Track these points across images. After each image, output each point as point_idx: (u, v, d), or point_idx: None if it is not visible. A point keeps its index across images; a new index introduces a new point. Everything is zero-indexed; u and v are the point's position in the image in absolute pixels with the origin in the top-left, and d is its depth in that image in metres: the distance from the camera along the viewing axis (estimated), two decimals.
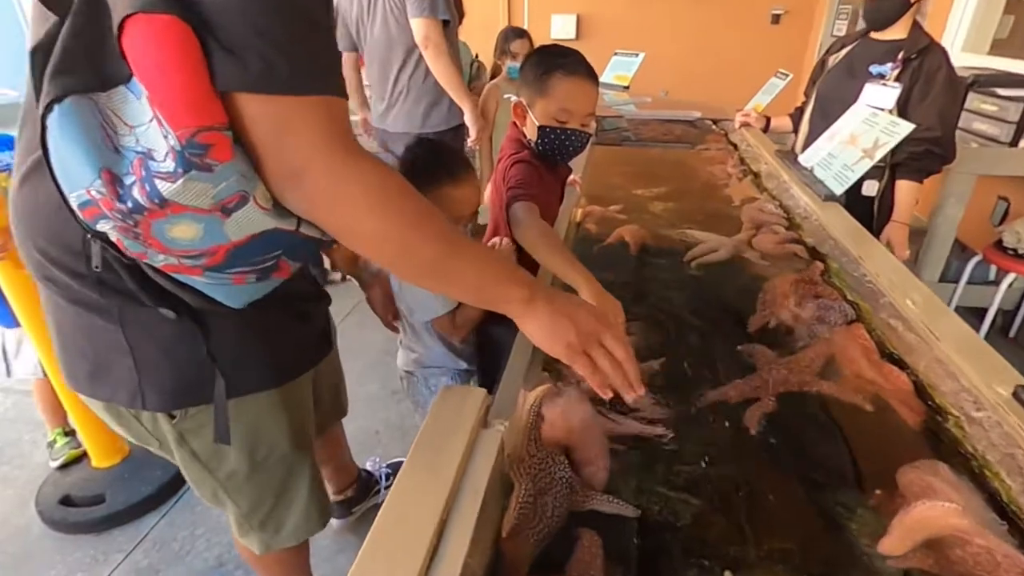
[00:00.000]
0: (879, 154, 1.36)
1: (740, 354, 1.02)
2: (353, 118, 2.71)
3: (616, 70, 3.25)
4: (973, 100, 2.43)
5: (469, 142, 2.43)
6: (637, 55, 3.16)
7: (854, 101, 1.77)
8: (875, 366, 0.93)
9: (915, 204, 1.87)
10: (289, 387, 0.89)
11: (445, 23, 2.15)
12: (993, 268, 2.45)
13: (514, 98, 1.31)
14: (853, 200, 1.63)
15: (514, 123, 1.36)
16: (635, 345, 1.00)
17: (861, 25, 1.96)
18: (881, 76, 1.77)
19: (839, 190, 1.41)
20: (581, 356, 0.69)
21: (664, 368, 1.00)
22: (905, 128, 1.34)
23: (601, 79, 3.38)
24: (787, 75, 2.36)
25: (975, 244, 2.74)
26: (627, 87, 3.14)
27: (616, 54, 3.31)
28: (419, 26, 2.10)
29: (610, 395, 0.70)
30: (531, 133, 1.30)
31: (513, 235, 1.18)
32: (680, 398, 0.93)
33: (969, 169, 2.35)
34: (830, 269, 1.21)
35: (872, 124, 1.46)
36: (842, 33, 4.37)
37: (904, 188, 1.81)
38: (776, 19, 4.71)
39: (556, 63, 1.23)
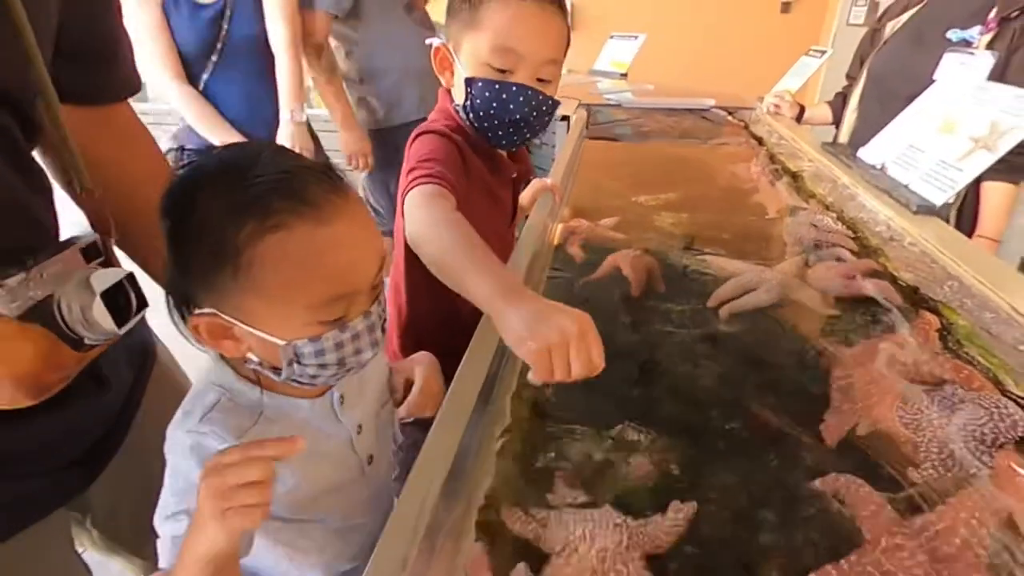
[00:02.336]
0: (1006, 144, 0.90)
1: (817, 497, 0.57)
2: None
3: (613, 55, 2.80)
4: None
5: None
6: (637, 37, 2.71)
7: (927, 79, 1.31)
8: None
9: (1007, 214, 1.42)
10: None
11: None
12: None
13: (436, 41, 0.86)
14: None
15: (445, 88, 0.91)
16: (644, 481, 0.60)
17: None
18: (966, 43, 1.31)
19: (940, 198, 0.95)
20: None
21: (692, 526, 0.54)
22: None
23: (595, 67, 2.95)
24: (823, 52, 1.90)
25: None
26: (625, 74, 2.69)
27: (612, 37, 2.86)
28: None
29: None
30: (459, 95, 0.85)
31: (406, 234, 0.73)
32: None
33: None
34: (956, 328, 0.75)
35: (980, 101, 1.00)
36: (860, 22, 3.95)
37: (995, 193, 1.36)
38: (786, 7, 4.34)
39: None
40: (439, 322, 0.89)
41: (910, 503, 0.55)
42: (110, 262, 0.53)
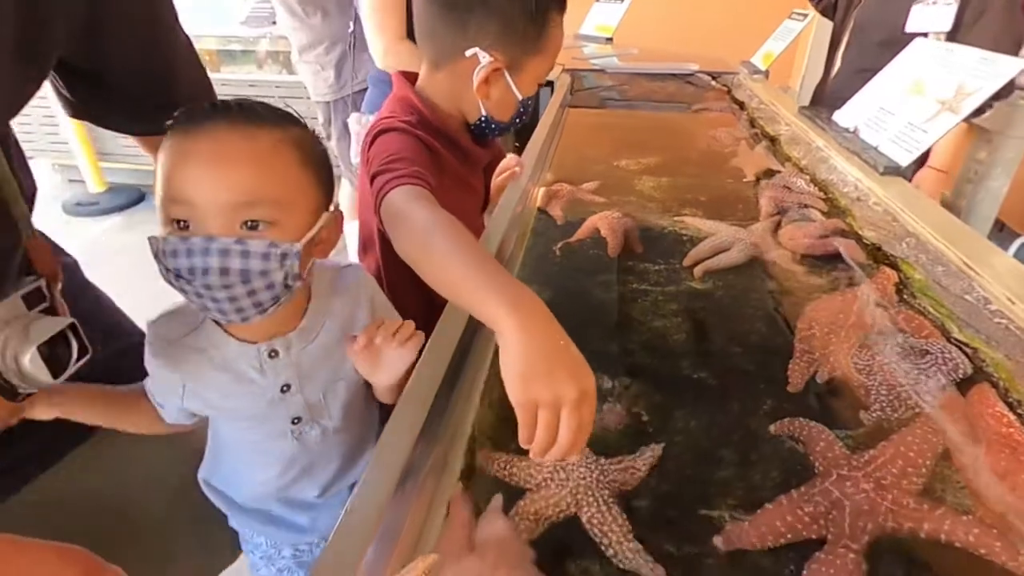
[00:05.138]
0: (968, 105, 0.93)
1: (776, 438, 0.61)
2: None
3: (598, 19, 2.77)
4: None
5: None
6: (623, 0, 2.68)
7: (899, 27, 1.36)
8: None
9: (957, 147, 1.47)
10: None
11: None
12: None
13: (484, 57, 0.79)
14: None
15: (401, 76, 0.88)
16: (616, 426, 0.64)
17: None
18: None
19: (905, 159, 0.98)
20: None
21: (658, 465, 0.58)
22: (1009, 67, 0.91)
23: (580, 31, 2.92)
24: (805, 15, 1.91)
25: (1011, 221, 2.37)
26: (610, 39, 2.67)
27: (598, 1, 2.82)
28: None
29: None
30: (496, 107, 0.85)
31: (394, 248, 0.65)
32: (680, 534, 0.52)
33: (1021, 133, 1.94)
34: (912, 282, 0.79)
35: (948, 64, 1.02)
36: None
37: None
38: None
39: None
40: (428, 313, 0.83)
41: (861, 440, 0.60)
42: (55, 309, 0.52)
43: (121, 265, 2.47)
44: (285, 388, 0.63)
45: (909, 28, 1.34)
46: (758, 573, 0.49)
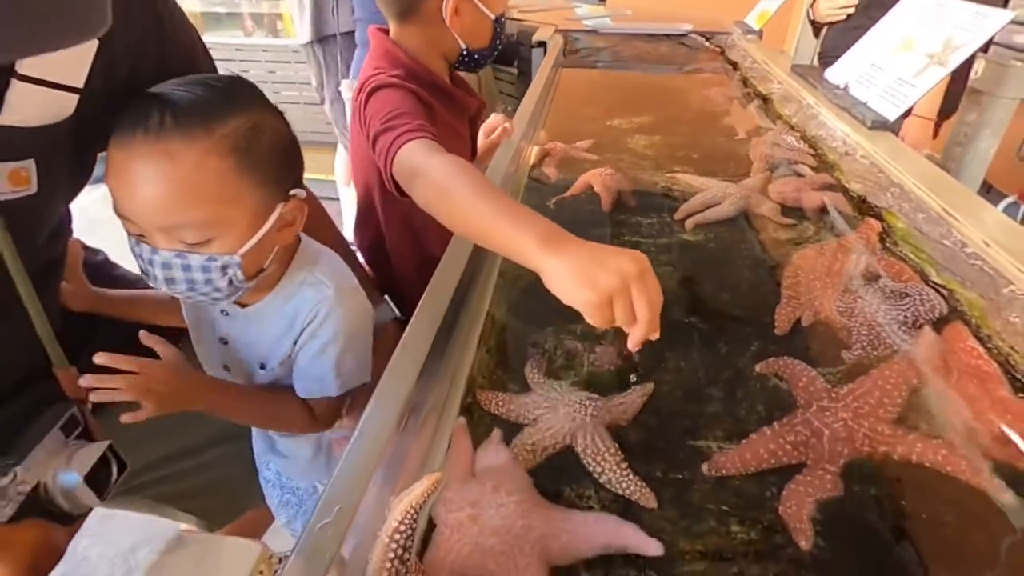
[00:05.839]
0: (956, 59, 0.94)
1: (761, 377, 0.64)
2: None
3: None
4: (1018, 6, 2.00)
5: None
6: None
7: None
8: (1002, 407, 0.55)
9: (940, 92, 1.50)
10: None
11: None
12: None
13: None
14: None
15: (378, 31, 0.88)
16: (608, 366, 0.67)
17: None
18: None
19: (893, 113, 1.00)
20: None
21: (649, 402, 0.61)
22: (998, 19, 0.92)
23: None
24: None
25: (998, 182, 2.40)
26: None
27: None
28: None
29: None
30: (472, 35, 0.89)
31: (416, 202, 0.65)
32: (669, 462, 0.55)
33: (1011, 93, 1.95)
34: (894, 230, 0.81)
35: (938, 18, 1.03)
36: None
37: None
38: None
39: None
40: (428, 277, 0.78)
41: (843, 378, 0.63)
42: (88, 430, 0.54)
43: (113, 234, 2.46)
44: (223, 341, 0.69)
45: None
46: (742, 495, 0.52)
